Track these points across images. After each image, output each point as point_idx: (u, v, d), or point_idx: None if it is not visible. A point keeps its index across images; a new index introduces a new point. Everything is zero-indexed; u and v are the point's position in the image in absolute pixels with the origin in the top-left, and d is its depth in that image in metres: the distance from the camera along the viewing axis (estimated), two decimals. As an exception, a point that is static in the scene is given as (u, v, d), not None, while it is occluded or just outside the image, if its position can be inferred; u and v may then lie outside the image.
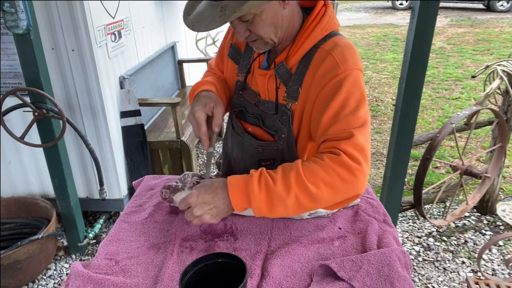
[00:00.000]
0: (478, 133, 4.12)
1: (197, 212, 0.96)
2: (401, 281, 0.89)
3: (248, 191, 0.94)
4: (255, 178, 0.94)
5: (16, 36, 1.97)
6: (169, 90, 3.81)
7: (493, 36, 8.83)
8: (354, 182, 0.93)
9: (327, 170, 0.93)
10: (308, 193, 0.92)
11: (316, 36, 1.05)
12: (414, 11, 1.71)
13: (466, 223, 2.83)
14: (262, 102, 1.16)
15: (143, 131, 2.78)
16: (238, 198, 0.95)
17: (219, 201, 0.96)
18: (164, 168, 2.97)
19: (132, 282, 0.93)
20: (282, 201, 0.93)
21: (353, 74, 0.99)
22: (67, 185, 2.35)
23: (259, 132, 1.19)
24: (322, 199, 0.93)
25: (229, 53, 1.26)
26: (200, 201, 0.96)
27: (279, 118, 1.12)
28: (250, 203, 0.94)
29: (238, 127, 1.23)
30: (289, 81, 1.08)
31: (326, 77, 1.00)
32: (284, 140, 1.12)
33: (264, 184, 0.94)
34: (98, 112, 2.50)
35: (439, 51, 7.81)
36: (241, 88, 1.22)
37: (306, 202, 0.93)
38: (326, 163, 0.93)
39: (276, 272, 0.95)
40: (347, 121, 0.97)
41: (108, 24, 2.52)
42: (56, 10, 2.24)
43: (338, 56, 1.00)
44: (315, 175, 0.93)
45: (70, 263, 2.52)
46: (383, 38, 9.37)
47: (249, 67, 1.19)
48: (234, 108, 1.25)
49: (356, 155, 0.93)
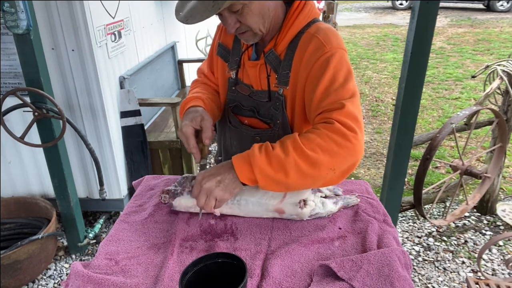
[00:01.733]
0: (478, 133, 4.12)
1: (206, 184, 0.99)
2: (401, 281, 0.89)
3: (249, 157, 0.98)
4: (256, 146, 1.00)
5: (16, 36, 1.97)
6: (169, 90, 3.81)
7: (493, 36, 8.83)
8: (351, 147, 0.97)
9: (323, 137, 0.97)
10: (306, 157, 0.96)
11: (300, 23, 1.12)
12: (414, 11, 1.71)
13: (466, 223, 2.83)
14: (255, 93, 1.22)
15: (143, 131, 2.78)
16: (241, 166, 0.98)
17: (225, 172, 1.00)
18: (164, 168, 2.97)
19: (132, 282, 0.93)
20: (281, 165, 0.96)
21: (338, 53, 1.06)
22: (67, 185, 2.35)
23: (255, 122, 1.25)
24: (320, 163, 0.96)
25: (218, 52, 1.31)
26: (206, 174, 1.01)
27: (272, 105, 1.19)
28: (252, 168, 0.97)
29: (234, 121, 1.29)
30: (278, 67, 1.15)
31: (313, 57, 1.07)
32: (280, 125, 1.19)
33: (264, 150, 0.98)
34: (98, 112, 2.50)
35: (439, 51, 7.81)
36: (234, 84, 1.27)
37: (305, 167, 0.96)
38: (321, 131, 0.98)
39: (276, 272, 0.95)
40: (337, 94, 1.02)
41: (108, 24, 2.52)
42: (56, 10, 2.24)
43: (322, 37, 1.07)
44: (311, 141, 0.97)
45: (70, 263, 2.53)
46: (383, 38, 9.37)
47: (239, 62, 1.24)
48: (229, 103, 1.30)
49: (349, 123, 0.98)
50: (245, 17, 1.04)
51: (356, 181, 1.35)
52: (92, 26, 2.32)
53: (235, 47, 1.26)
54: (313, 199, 1.12)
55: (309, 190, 1.12)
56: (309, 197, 1.11)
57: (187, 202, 1.15)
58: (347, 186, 1.31)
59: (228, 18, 1.05)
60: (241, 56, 1.23)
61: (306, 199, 1.11)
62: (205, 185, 0.99)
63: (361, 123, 1.01)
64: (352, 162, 0.99)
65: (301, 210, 1.10)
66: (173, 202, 1.17)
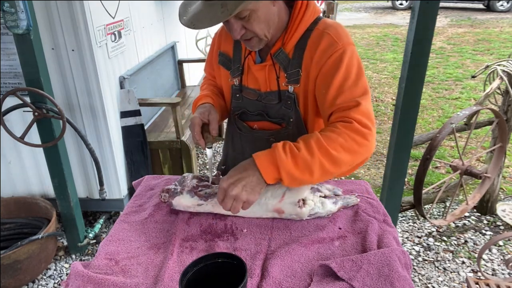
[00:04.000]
0: (478, 133, 4.12)
1: (233, 191, 0.99)
2: (401, 281, 0.89)
3: (275, 159, 0.99)
4: (279, 147, 1.00)
5: (16, 36, 1.97)
6: (169, 90, 3.81)
7: (493, 36, 8.83)
8: (368, 145, 1.04)
9: (344, 136, 1.02)
10: (330, 157, 1.00)
11: (307, 20, 1.14)
12: (414, 11, 1.71)
13: (466, 223, 2.83)
14: (264, 95, 1.23)
15: (143, 131, 2.78)
16: (267, 168, 1.00)
17: (250, 176, 1.01)
18: (164, 168, 2.97)
19: (132, 282, 0.93)
20: (307, 166, 0.99)
21: (350, 49, 1.10)
22: (67, 185, 2.35)
23: (266, 125, 1.27)
24: (342, 162, 1.01)
25: (219, 61, 1.32)
26: (231, 181, 1.01)
27: (283, 104, 1.20)
28: (279, 170, 0.99)
29: (244, 128, 1.31)
30: (288, 66, 1.16)
31: (326, 53, 1.09)
32: (293, 123, 1.21)
33: (289, 151, 1.00)
34: (98, 112, 2.50)
35: (439, 51, 7.81)
36: (238, 91, 1.28)
37: (329, 166, 1.00)
38: (341, 130, 1.02)
39: (276, 272, 0.95)
40: (351, 92, 1.07)
41: (108, 24, 2.52)
42: (56, 10, 2.24)
43: (334, 33, 1.10)
44: (334, 141, 1.01)
45: (70, 263, 2.53)
46: (383, 38, 9.37)
47: (242, 68, 1.25)
48: (235, 111, 1.31)
49: (365, 121, 1.04)
50: (251, 23, 1.05)
51: (356, 181, 1.35)
52: (92, 26, 2.32)
53: (236, 54, 1.27)
54: (312, 199, 1.12)
55: (308, 190, 1.12)
56: (308, 196, 1.12)
57: (186, 201, 1.15)
58: (347, 186, 1.31)
59: (234, 24, 1.05)
60: (243, 62, 1.24)
61: (305, 198, 1.11)
62: (231, 192, 1.00)
63: (373, 119, 1.08)
64: (366, 157, 1.07)
65: (300, 209, 1.10)
66: (172, 201, 1.17)
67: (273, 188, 1.12)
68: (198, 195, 1.16)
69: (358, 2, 15.70)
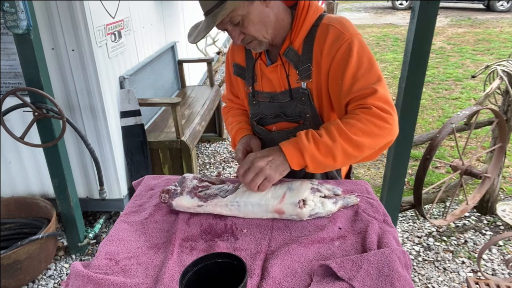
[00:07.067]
0: (478, 133, 4.12)
1: (258, 163, 1.05)
2: (401, 281, 0.89)
3: (298, 145, 1.06)
4: (302, 134, 1.08)
5: (16, 36, 1.97)
6: (169, 90, 3.81)
7: (493, 36, 8.83)
8: (389, 128, 1.07)
9: (363, 121, 1.05)
10: (351, 141, 1.05)
11: (311, 17, 1.17)
12: (414, 11, 1.71)
13: (466, 223, 2.83)
14: (278, 96, 1.26)
15: (143, 131, 2.78)
16: (292, 153, 1.06)
17: (275, 155, 1.07)
18: (164, 168, 2.97)
19: (132, 282, 0.93)
20: (330, 151, 1.05)
21: (357, 38, 1.13)
22: (67, 185, 2.35)
23: (284, 125, 1.31)
24: (363, 145, 1.05)
25: (234, 72, 1.38)
26: (259, 155, 1.08)
27: (298, 101, 1.23)
28: (303, 155, 1.05)
29: (262, 131, 1.36)
30: (298, 62, 1.19)
31: (334, 46, 1.12)
32: (310, 119, 1.24)
33: (312, 137, 1.06)
34: (98, 112, 2.50)
35: (439, 51, 7.81)
36: (253, 97, 1.34)
37: (351, 150, 1.05)
38: (361, 116, 1.06)
39: (276, 272, 0.95)
40: (365, 79, 1.09)
41: (108, 24, 2.52)
42: (56, 10, 2.25)
43: (339, 25, 1.13)
44: (353, 126, 1.05)
45: (70, 263, 2.53)
46: (383, 38, 9.37)
47: (254, 75, 1.30)
48: (253, 118, 1.38)
49: (384, 106, 1.07)
50: (246, 27, 1.10)
51: (356, 181, 1.35)
52: (92, 26, 2.32)
53: (248, 63, 1.32)
54: (312, 199, 1.12)
55: (308, 190, 1.12)
56: (308, 197, 1.11)
57: (186, 202, 1.15)
58: (347, 186, 1.31)
59: (232, 31, 1.12)
60: (253, 68, 1.29)
61: (306, 199, 1.11)
62: (257, 163, 1.05)
63: (392, 103, 1.10)
64: (389, 140, 1.10)
65: (300, 210, 1.09)
66: (172, 202, 1.17)
67: (273, 189, 1.12)
68: (198, 196, 1.16)
69: (358, 2, 15.70)
